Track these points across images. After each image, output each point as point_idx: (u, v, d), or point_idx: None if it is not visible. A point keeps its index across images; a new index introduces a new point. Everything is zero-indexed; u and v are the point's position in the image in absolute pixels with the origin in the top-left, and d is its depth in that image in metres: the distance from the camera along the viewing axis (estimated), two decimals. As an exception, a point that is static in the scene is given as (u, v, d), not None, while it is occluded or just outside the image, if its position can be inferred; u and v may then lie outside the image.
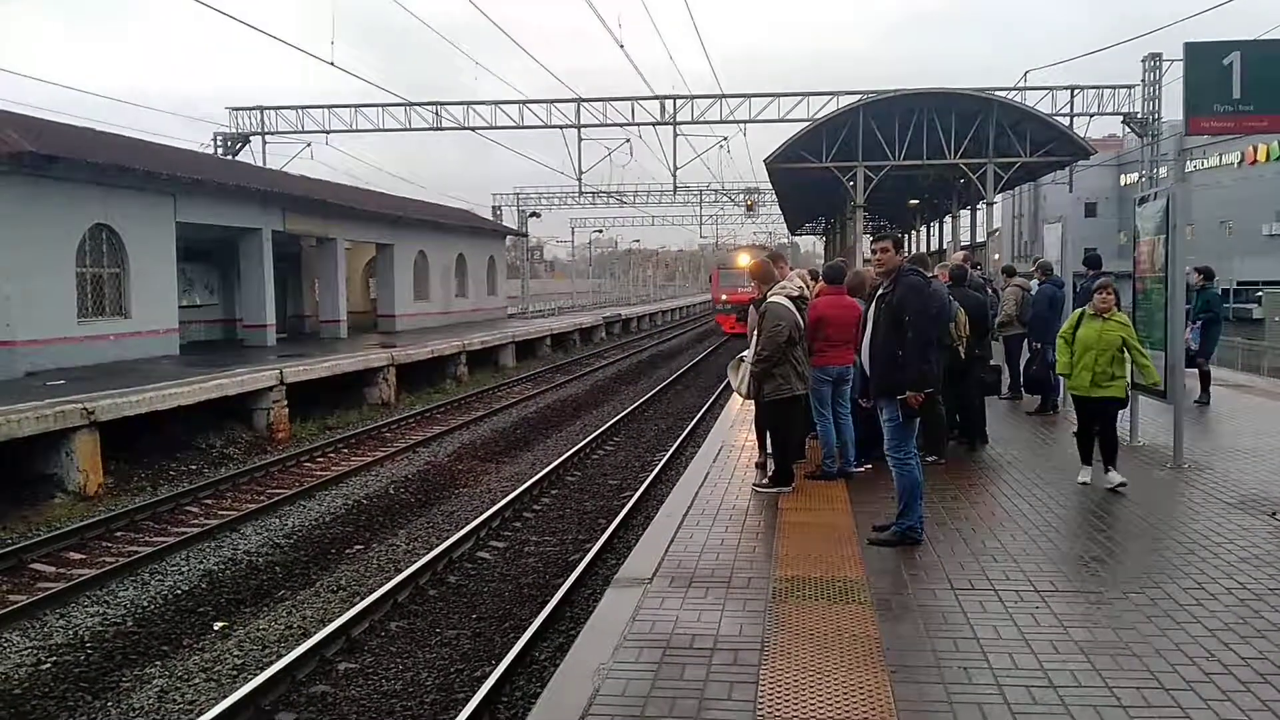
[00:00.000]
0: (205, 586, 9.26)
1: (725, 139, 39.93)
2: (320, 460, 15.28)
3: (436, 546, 10.12)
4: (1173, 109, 28.29)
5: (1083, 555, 6.20)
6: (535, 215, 59.92)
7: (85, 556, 10.28)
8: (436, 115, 35.20)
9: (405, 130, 35.57)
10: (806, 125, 30.50)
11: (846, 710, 3.99)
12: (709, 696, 4.16)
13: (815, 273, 9.87)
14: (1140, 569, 5.85)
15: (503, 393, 23.57)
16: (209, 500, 12.62)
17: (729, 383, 9.37)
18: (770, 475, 8.08)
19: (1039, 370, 11.95)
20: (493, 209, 57.51)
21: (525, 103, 34.42)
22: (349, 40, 31.76)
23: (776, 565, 5.97)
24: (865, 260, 22.02)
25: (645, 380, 27.37)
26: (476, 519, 11.15)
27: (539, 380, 26.20)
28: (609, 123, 35.21)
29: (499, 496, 12.70)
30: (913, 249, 44.19)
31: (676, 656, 4.59)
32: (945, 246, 40.84)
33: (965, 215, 39.52)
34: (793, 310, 7.84)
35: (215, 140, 36.19)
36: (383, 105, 35.20)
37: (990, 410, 10.38)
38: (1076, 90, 32.21)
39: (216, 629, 8.38)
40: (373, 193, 34.04)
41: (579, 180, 37.72)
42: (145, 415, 13.95)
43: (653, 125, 34.87)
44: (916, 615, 5.11)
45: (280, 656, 7.29)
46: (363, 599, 8.47)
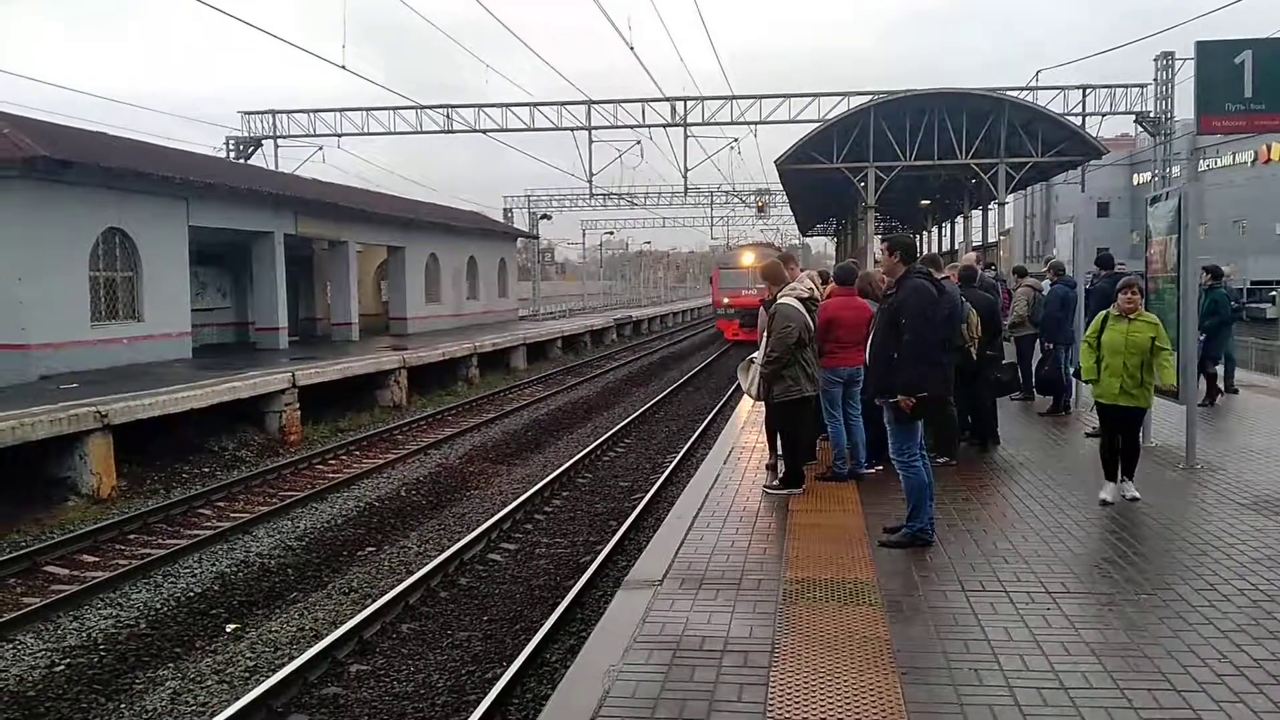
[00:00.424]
0: (218, 588, 9.31)
1: (736, 140, 39.95)
2: (332, 462, 15.33)
3: (448, 548, 10.15)
4: (1185, 108, 28.15)
5: (1095, 556, 6.18)
6: (546, 217, 60.11)
7: (98, 559, 10.33)
8: (448, 118, 35.32)
9: (416, 133, 35.70)
10: (817, 126, 30.46)
11: (857, 712, 3.98)
12: (719, 698, 4.16)
13: (826, 274, 9.85)
14: (1152, 570, 5.82)
15: (514, 395, 23.60)
16: (221, 503, 12.68)
17: (739, 384, 9.37)
18: (781, 477, 8.07)
19: (1051, 371, 11.90)
20: (504, 211, 57.63)
21: (536, 105, 34.51)
22: (357, 41, 31.67)
23: (787, 567, 5.96)
24: (876, 261, 21.97)
25: (656, 382, 27.36)
26: (488, 521, 11.17)
27: (550, 382, 26.22)
28: (620, 124, 35.29)
29: (510, 498, 12.72)
30: (924, 249, 43.99)
31: (686, 658, 4.59)
32: (957, 247, 40.69)
33: (977, 215, 39.35)
34: (802, 311, 7.82)
35: (227, 144, 36.39)
36: (394, 108, 35.36)
37: (1002, 411, 10.35)
38: (1088, 89, 32.07)
39: (229, 631, 8.42)
40: (384, 196, 34.19)
41: (590, 182, 37.73)
42: (158, 418, 14.04)
43: (663, 127, 34.90)
44: (927, 617, 5.10)
45: (292, 658, 7.32)
46: (374, 601, 8.50)
